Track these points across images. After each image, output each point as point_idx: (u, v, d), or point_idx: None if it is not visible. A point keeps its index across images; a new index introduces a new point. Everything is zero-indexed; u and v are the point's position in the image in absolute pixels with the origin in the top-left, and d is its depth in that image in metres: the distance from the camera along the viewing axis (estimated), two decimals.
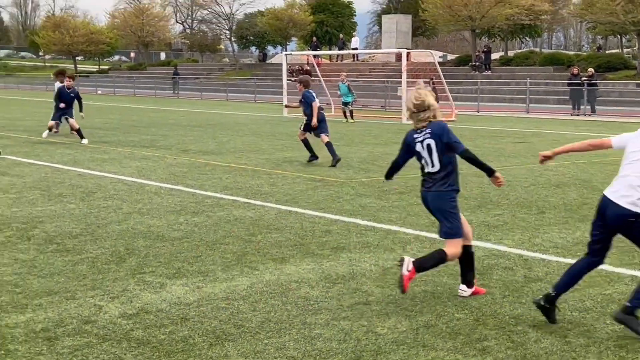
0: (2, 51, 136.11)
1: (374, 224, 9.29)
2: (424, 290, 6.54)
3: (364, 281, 6.82)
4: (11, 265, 7.23)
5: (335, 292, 6.50)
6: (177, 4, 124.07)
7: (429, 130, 6.18)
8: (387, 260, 7.54)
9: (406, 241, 8.38)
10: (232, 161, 15.42)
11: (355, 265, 7.36)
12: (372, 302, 6.22)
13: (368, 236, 8.61)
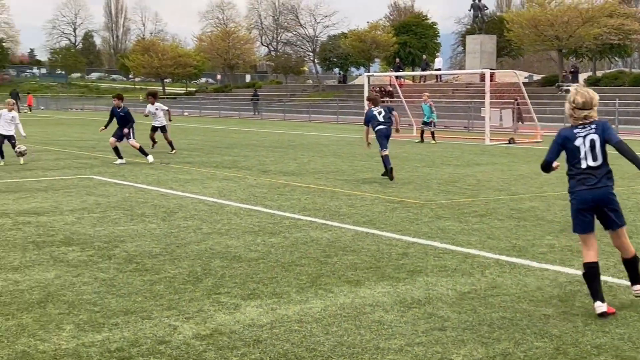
0: (94, 74, 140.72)
1: (452, 247, 9.13)
2: (502, 317, 6.35)
3: (440, 306, 6.68)
4: (91, 284, 7.36)
5: (410, 316, 6.38)
6: (263, 27, 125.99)
7: (594, 126, 6.44)
8: (464, 284, 7.38)
9: (485, 265, 8.19)
10: (312, 182, 15.45)
11: (431, 289, 7.22)
12: (448, 328, 6.08)
13: (446, 259, 8.45)
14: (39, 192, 13.83)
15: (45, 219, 10.92)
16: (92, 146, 25.16)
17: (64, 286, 7.27)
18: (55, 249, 8.93)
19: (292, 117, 53.71)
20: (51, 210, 11.71)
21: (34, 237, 9.65)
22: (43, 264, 8.19)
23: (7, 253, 8.68)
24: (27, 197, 13.17)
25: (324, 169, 18.05)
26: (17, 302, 6.72)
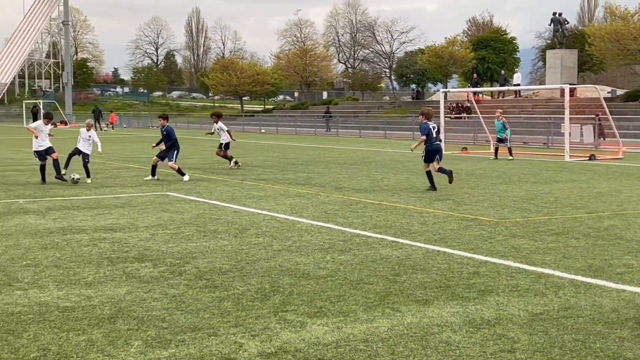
0: (175, 92, 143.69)
1: (525, 266, 8.91)
2: (575, 339, 6.14)
3: (510, 327, 6.51)
4: (161, 300, 7.44)
5: (479, 337, 6.23)
6: (340, 44, 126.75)
7: None
8: (536, 305, 7.18)
9: (559, 285, 7.96)
10: (384, 199, 15.35)
11: (502, 309, 7.05)
12: (518, 350, 5.91)
13: (518, 279, 8.25)
14: (116, 208, 14.12)
15: (121, 235, 11.13)
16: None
17: (134, 302, 7.37)
18: (128, 265, 9.08)
19: (368, 133, 53.68)
20: (127, 227, 11.94)
21: (108, 253, 9.83)
22: (116, 279, 8.34)
23: (82, 268, 8.86)
24: (105, 213, 13.46)
25: (397, 186, 17.93)
26: (88, 317, 6.84)
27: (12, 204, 14.66)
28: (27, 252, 9.85)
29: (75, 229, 11.66)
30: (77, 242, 10.59)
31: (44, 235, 11.09)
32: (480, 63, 68.67)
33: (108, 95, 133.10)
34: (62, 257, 9.53)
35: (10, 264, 9.10)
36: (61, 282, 8.18)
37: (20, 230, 11.58)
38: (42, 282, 8.14)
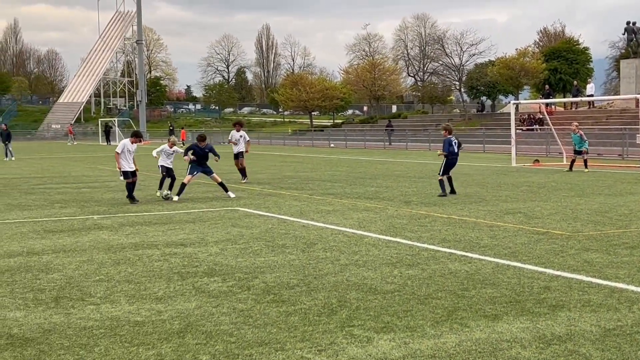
0: (245, 108, 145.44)
1: (598, 280, 8.70)
2: None
3: (582, 343, 6.36)
4: (229, 315, 7.51)
5: (549, 353, 6.10)
6: (409, 57, 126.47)
7: None
8: (609, 320, 6.99)
9: (633, 300, 7.74)
10: (453, 213, 15.21)
11: (573, 325, 6.89)
12: None
13: (591, 294, 8.06)
14: (187, 223, 14.33)
15: (191, 250, 11.29)
16: (240, 178, 25.86)
17: (203, 316, 7.46)
18: (198, 280, 9.19)
19: (438, 146, 53.23)
20: (197, 242, 12.10)
21: (179, 267, 9.98)
22: (185, 294, 8.45)
23: (152, 283, 9.02)
24: (176, 228, 13.67)
25: (466, 199, 17.74)
26: (158, 331, 6.95)
27: (87, 220, 15.02)
28: (100, 267, 10.07)
29: (147, 244, 11.87)
30: (149, 257, 10.78)
31: (116, 251, 11.33)
32: (552, 74, 67.63)
33: (181, 113, 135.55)
34: (134, 272, 9.71)
35: (84, 279, 9.31)
36: (132, 296, 8.33)
37: (94, 245, 11.85)
38: (114, 297, 8.30)
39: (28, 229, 13.88)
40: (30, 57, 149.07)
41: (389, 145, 59.58)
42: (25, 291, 8.63)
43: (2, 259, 10.69)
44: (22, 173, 30.63)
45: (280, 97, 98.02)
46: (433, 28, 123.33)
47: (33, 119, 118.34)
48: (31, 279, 9.33)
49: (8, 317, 7.49)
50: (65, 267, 10.04)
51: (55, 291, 8.62)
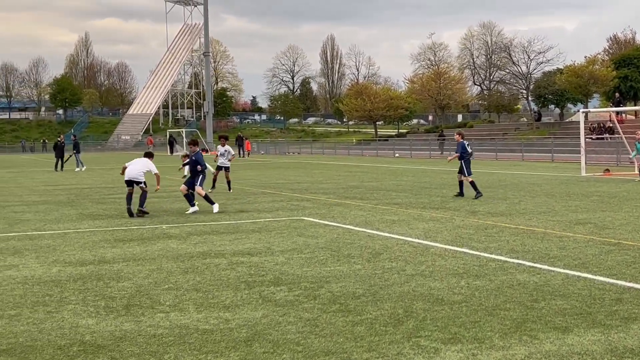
0: (310, 119, 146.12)
1: None
2: None
3: None
4: (296, 324, 7.54)
5: None
6: (475, 66, 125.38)
7: None
8: None
9: None
10: (521, 223, 14.99)
11: None
12: None
13: None
14: (253, 233, 14.46)
15: (257, 260, 11.38)
16: (306, 188, 25.99)
17: (270, 325, 7.51)
18: (264, 289, 9.26)
19: (505, 156, 52.65)
20: (263, 251, 12.20)
21: (245, 276, 10.07)
22: (252, 303, 8.52)
23: (220, 292, 9.12)
24: (243, 238, 13.80)
25: (535, 209, 17.48)
26: (226, 340, 7.02)
27: (156, 229, 15.28)
28: (169, 275, 10.23)
29: (215, 253, 12.02)
30: (216, 266, 10.91)
31: (185, 259, 11.49)
32: (623, 82, 66.09)
33: (246, 123, 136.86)
34: (202, 280, 9.84)
35: (154, 287, 9.47)
36: (201, 305, 8.43)
37: (163, 254, 12.04)
38: (182, 305, 8.42)
39: (99, 237, 14.19)
40: (100, 69, 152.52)
41: (440, 154, 59.51)
42: (97, 299, 8.82)
43: (75, 267, 10.95)
44: (93, 183, 31.33)
45: (344, 107, 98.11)
46: (499, 36, 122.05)
47: (103, 130, 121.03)
48: (102, 286, 9.53)
49: (81, 324, 7.66)
50: (135, 275, 10.23)
51: (126, 299, 8.78)
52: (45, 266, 11.09)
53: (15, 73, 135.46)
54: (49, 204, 21.47)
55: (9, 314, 8.11)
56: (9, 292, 9.26)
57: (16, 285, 9.72)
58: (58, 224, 16.58)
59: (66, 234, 14.76)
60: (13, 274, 10.52)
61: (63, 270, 10.70)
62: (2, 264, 11.36)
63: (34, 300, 8.78)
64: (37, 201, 22.51)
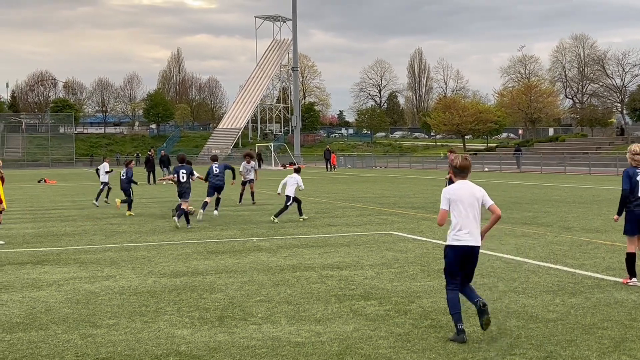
0: (397, 132, 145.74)
1: None
2: None
3: None
4: (387, 339, 7.52)
5: None
6: (567, 79, 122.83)
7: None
8: None
9: None
10: (618, 240, 14.57)
11: None
12: None
13: None
14: (342, 247, 14.49)
15: (347, 273, 11.40)
16: (394, 203, 25.92)
17: (361, 339, 7.51)
18: (355, 303, 9.27)
19: (598, 171, 51.33)
20: (352, 265, 12.22)
21: (336, 290, 10.10)
22: (343, 316, 8.54)
23: (311, 305, 9.17)
24: (332, 251, 13.85)
25: None
26: (317, 353, 7.06)
27: (247, 242, 15.49)
28: (260, 288, 10.36)
29: (305, 267, 12.10)
30: (307, 279, 10.98)
31: (275, 272, 11.61)
32: None
33: (334, 137, 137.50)
34: (293, 293, 9.92)
35: (246, 299, 9.60)
36: (292, 317, 8.50)
37: (254, 267, 12.20)
38: (274, 318, 8.51)
39: (192, 250, 14.47)
40: (192, 85, 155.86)
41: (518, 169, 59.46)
42: (191, 310, 9.00)
43: (169, 279, 11.21)
44: None
45: (432, 120, 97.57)
46: (592, 49, 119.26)
47: (194, 145, 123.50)
48: (196, 298, 9.72)
49: (176, 334, 7.83)
50: (227, 287, 10.39)
51: (219, 310, 8.93)
52: (141, 277, 11.38)
53: (110, 89, 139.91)
54: (143, 217, 22.05)
55: (107, 324, 8.36)
56: (107, 302, 9.54)
57: (114, 295, 10.01)
58: (152, 235, 17.01)
59: (160, 246, 15.12)
60: (111, 284, 10.84)
61: (158, 281, 10.96)
62: (100, 274, 11.73)
63: (131, 310, 9.02)
64: (132, 214, 23.13)
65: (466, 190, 7.76)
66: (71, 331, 8.02)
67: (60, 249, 14.87)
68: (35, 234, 17.83)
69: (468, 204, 7.69)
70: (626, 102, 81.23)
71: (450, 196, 7.79)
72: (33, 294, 10.20)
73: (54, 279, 11.30)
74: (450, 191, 7.81)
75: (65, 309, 9.14)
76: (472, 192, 7.82)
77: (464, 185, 7.83)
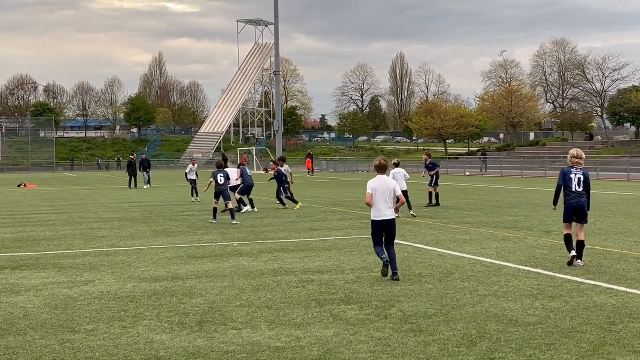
0: (379, 137, 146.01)
1: None
2: None
3: None
4: (367, 343, 7.51)
5: None
6: (547, 83, 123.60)
7: (581, 170, 12.02)
8: None
9: None
10: (597, 243, 14.66)
11: None
12: None
13: None
14: (323, 251, 14.48)
15: (328, 277, 11.39)
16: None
17: (341, 344, 7.49)
18: (335, 307, 9.25)
19: None
20: (333, 269, 12.20)
21: (316, 294, 10.08)
22: (323, 321, 8.52)
23: (291, 309, 9.15)
24: (312, 255, 13.83)
25: (610, 230, 17.08)
26: (297, 357, 7.03)
27: (227, 246, 15.44)
28: (240, 292, 10.32)
29: (285, 271, 12.07)
30: (287, 283, 10.95)
31: (256, 277, 11.58)
32: None
33: (315, 141, 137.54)
34: (273, 297, 9.89)
35: (226, 303, 9.56)
36: (272, 322, 8.47)
37: (235, 271, 12.15)
38: (254, 322, 8.48)
39: (172, 254, 14.41)
40: (173, 88, 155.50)
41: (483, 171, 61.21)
42: (171, 315, 8.95)
43: (149, 283, 11.14)
44: (165, 200, 31.89)
45: (414, 125, 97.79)
46: (573, 53, 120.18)
47: (176, 148, 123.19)
48: (176, 302, 9.67)
49: (155, 339, 7.78)
50: (207, 292, 10.35)
51: (199, 315, 8.89)
52: (120, 282, 11.31)
53: (91, 92, 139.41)
54: (123, 221, 21.93)
55: (85, 329, 8.29)
56: (85, 307, 9.47)
57: (92, 300, 9.94)
58: (132, 240, 16.92)
59: (140, 250, 15.05)
60: (89, 289, 10.76)
61: (137, 286, 10.90)
62: (79, 279, 11.64)
63: (110, 315, 8.95)
64: (112, 218, 23.02)
65: (382, 182, 11.08)
66: (49, 336, 7.95)
67: (39, 254, 14.76)
68: (13, 238, 17.69)
69: (382, 191, 11.02)
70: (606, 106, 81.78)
71: (372, 185, 11.07)
72: (11, 299, 10.11)
73: (32, 284, 11.21)
74: (372, 182, 11.07)
75: (44, 314, 9.07)
76: (386, 183, 11.12)
77: (382, 178, 11.12)
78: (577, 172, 11.96)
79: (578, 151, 12.15)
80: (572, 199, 11.93)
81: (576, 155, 12.03)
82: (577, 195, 11.91)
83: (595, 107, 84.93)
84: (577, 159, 11.96)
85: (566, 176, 11.99)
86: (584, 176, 11.94)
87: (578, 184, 11.89)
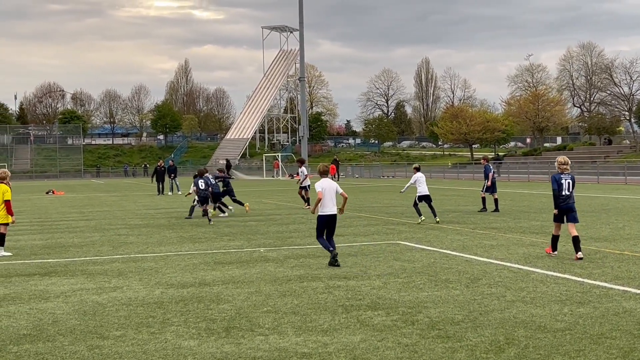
0: (405, 142, 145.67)
1: None
2: None
3: None
4: (394, 349, 7.49)
5: None
6: (574, 87, 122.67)
7: (569, 175, 13.38)
8: None
9: None
10: (626, 249, 14.52)
11: None
12: None
13: None
14: (349, 257, 14.47)
15: (354, 283, 11.38)
16: (402, 212, 25.89)
17: (368, 350, 7.48)
18: (362, 313, 9.24)
19: (606, 179, 51.16)
20: (359, 275, 12.19)
21: (343, 300, 10.07)
22: (350, 327, 8.51)
23: (318, 315, 9.15)
24: (339, 261, 13.80)
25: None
26: None
27: (254, 252, 15.48)
28: (267, 298, 10.34)
29: (312, 277, 12.08)
30: (313, 289, 10.96)
31: (282, 283, 11.59)
32: None
33: (341, 147, 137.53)
34: (300, 303, 9.90)
35: (253, 309, 9.59)
36: (299, 328, 8.48)
37: (261, 277, 12.18)
38: (281, 328, 8.49)
39: (199, 260, 14.47)
40: (199, 95, 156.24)
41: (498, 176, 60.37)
42: (198, 321, 8.99)
43: (176, 289, 11.20)
44: None
45: (439, 130, 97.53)
46: (600, 57, 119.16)
47: (202, 155, 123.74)
48: (203, 309, 9.71)
49: (183, 345, 7.82)
50: (234, 298, 10.38)
51: (226, 321, 8.92)
52: (148, 288, 11.38)
53: (118, 100, 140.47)
54: (150, 227, 22.07)
55: (114, 335, 8.35)
56: (114, 313, 9.54)
57: (120, 306, 10.01)
58: (159, 246, 17.02)
59: (167, 257, 15.13)
60: (118, 295, 10.84)
61: (165, 292, 10.96)
62: (107, 285, 11.73)
63: (138, 322, 9.01)
64: (139, 224, 23.17)
65: (328, 184, 13.37)
66: (78, 342, 8.02)
67: (67, 260, 14.90)
68: (43, 245, 17.87)
69: (329, 191, 13.31)
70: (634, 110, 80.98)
71: (322, 185, 13.26)
72: (40, 305, 10.21)
73: (62, 290, 11.31)
74: (321, 183, 13.31)
75: (73, 321, 9.15)
76: (330, 185, 13.40)
77: (327, 180, 13.44)
78: (567, 177, 13.32)
79: (565, 158, 13.48)
80: (563, 201, 13.28)
81: (564, 162, 13.39)
82: (567, 198, 13.25)
83: (623, 110, 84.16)
84: (565, 165, 13.34)
85: (558, 182, 13.30)
86: (572, 180, 13.38)
87: (568, 188, 13.25)
